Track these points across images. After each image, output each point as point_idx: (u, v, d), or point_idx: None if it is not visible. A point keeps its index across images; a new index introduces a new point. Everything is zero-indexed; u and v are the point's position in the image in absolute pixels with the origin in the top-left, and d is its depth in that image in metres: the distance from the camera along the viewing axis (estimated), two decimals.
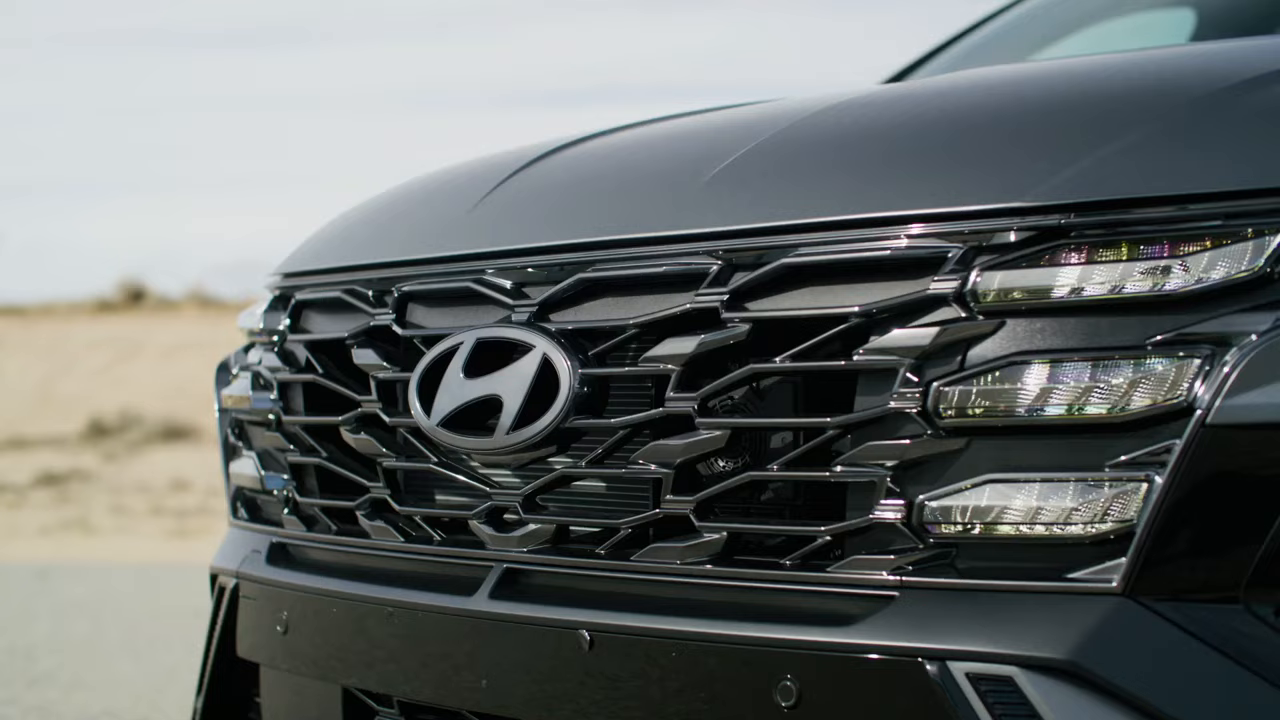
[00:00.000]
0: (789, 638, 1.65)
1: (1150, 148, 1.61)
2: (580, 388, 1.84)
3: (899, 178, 1.73)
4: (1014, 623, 1.55)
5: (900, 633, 1.59)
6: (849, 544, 1.67)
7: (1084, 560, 1.54)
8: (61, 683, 5.55)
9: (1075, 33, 4.00)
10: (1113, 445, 1.54)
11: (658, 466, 1.78)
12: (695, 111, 2.39)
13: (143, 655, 6.09)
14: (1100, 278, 1.57)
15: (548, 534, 1.89)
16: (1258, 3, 4.02)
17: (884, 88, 2.14)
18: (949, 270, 1.62)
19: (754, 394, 1.79)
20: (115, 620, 7.04)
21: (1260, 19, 3.95)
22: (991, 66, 2.35)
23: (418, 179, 2.49)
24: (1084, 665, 1.51)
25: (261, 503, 2.41)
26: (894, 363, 1.63)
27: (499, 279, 1.99)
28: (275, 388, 2.29)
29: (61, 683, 5.55)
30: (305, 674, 2.16)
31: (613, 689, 1.76)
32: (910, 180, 1.72)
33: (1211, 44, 2.23)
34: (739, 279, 1.75)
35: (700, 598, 1.75)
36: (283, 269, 2.42)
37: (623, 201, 1.95)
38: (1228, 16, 4.07)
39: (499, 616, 1.87)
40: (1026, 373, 1.57)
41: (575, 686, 1.79)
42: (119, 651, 6.19)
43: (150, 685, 5.54)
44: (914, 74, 3.92)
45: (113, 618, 7.13)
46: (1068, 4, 4.09)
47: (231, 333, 15.45)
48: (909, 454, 1.62)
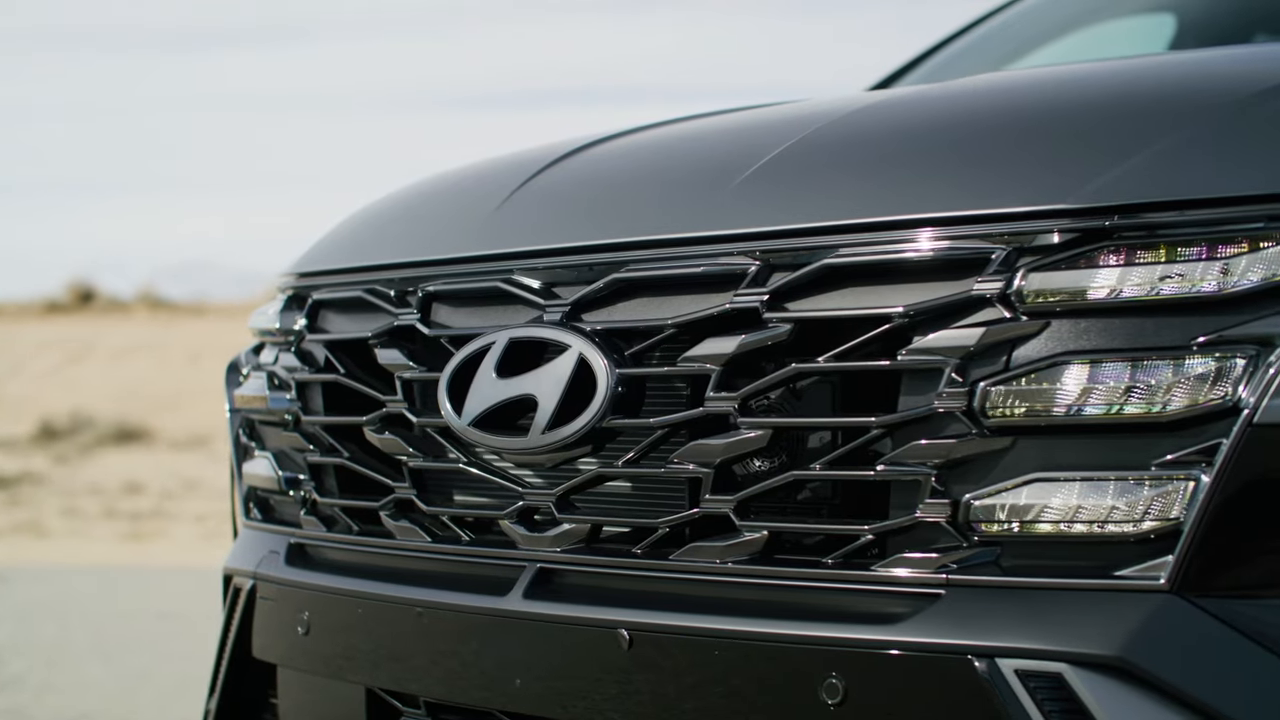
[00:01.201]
0: (835, 635, 1.66)
1: (1192, 150, 1.63)
2: (617, 387, 1.84)
3: (940, 179, 1.74)
4: (1062, 620, 1.56)
5: (948, 630, 1.60)
6: (891, 542, 1.69)
7: (1130, 558, 1.56)
8: (32, 686, 5.50)
9: (1057, 39, 4.03)
10: (1158, 444, 1.56)
11: (697, 466, 1.78)
12: (717, 112, 2.40)
13: (112, 658, 6.05)
14: (1144, 279, 1.58)
15: (582, 533, 1.89)
16: (1236, 9, 4.07)
17: (915, 89, 2.16)
18: (993, 271, 1.64)
19: (789, 393, 1.80)
20: (81, 623, 6.99)
21: (1238, 25, 4.00)
22: (1027, 69, 2.35)
23: (436, 177, 2.48)
24: (1133, 661, 1.52)
25: (276, 503, 2.40)
26: (939, 363, 1.64)
27: (529, 279, 1.99)
28: (293, 388, 2.28)
29: (32, 686, 5.50)
30: (327, 674, 2.16)
31: (654, 687, 1.77)
32: (951, 181, 1.73)
33: (1252, 47, 2.26)
34: (778, 279, 1.76)
35: (742, 596, 1.75)
36: (296, 269, 2.42)
37: (655, 202, 1.95)
38: (1207, 23, 4.11)
39: (534, 616, 1.87)
40: (1072, 373, 1.59)
41: (615, 685, 1.80)
42: (87, 654, 6.15)
43: (123, 688, 5.50)
44: (899, 81, 3.93)
45: (78, 621, 7.08)
46: (1049, 11, 4.12)
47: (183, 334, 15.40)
48: (954, 453, 1.63)
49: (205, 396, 19.25)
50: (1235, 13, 4.09)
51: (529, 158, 2.26)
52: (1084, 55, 4.04)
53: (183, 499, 13.92)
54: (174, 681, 5.60)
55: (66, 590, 8.16)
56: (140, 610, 7.39)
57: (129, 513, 12.90)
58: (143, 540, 11.33)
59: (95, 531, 11.86)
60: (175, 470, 15.47)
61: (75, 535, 11.63)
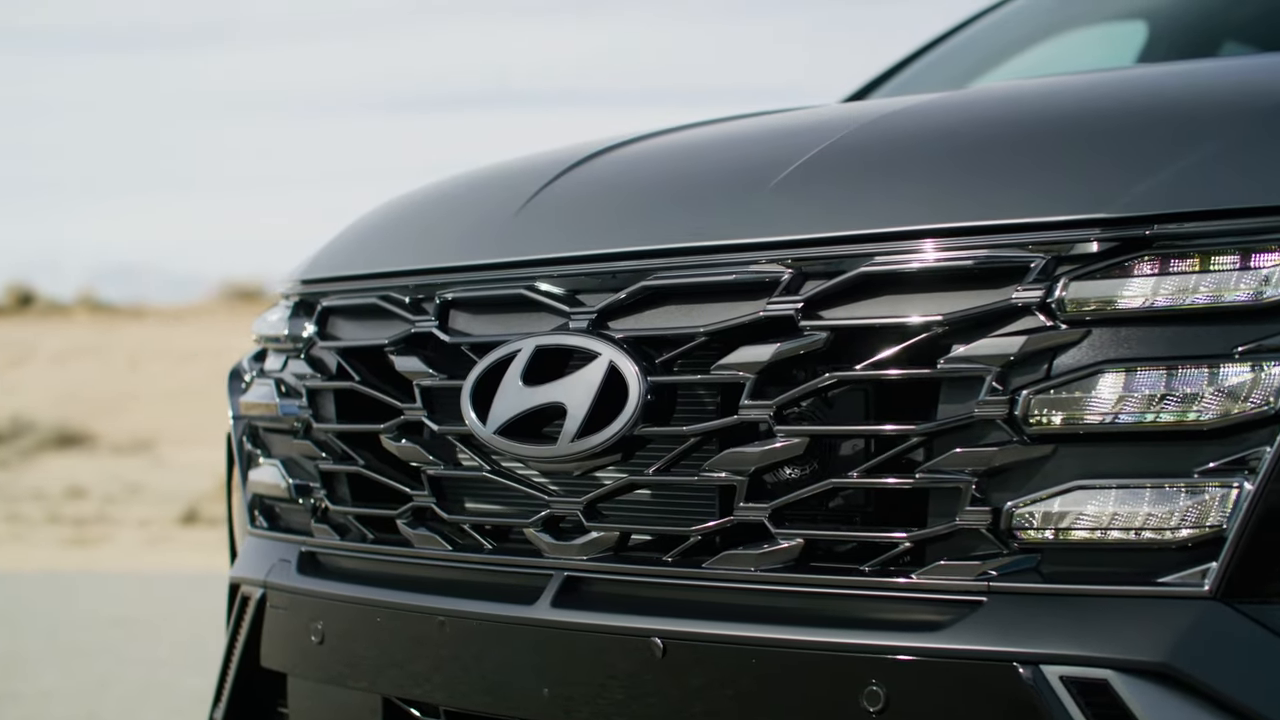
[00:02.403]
0: (875, 643, 1.66)
1: (1231, 158, 1.64)
2: (648, 395, 1.84)
3: (976, 186, 1.75)
4: (1106, 626, 1.57)
5: (991, 637, 1.61)
6: (930, 550, 1.69)
7: (1174, 565, 1.57)
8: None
9: (1032, 47, 4.06)
10: (1200, 452, 1.57)
11: (730, 474, 1.78)
12: (736, 117, 2.40)
13: (70, 665, 5.99)
14: (1183, 288, 1.60)
15: (610, 542, 1.89)
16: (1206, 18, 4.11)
17: (942, 95, 2.16)
18: (1032, 280, 1.65)
19: (820, 401, 1.80)
20: (33, 630, 6.91)
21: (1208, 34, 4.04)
22: (1059, 75, 2.34)
23: (447, 181, 2.47)
24: (1178, 668, 1.53)
25: (282, 511, 2.38)
26: (980, 370, 1.65)
27: (552, 286, 1.98)
28: (304, 395, 2.27)
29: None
30: (342, 684, 2.14)
31: (689, 696, 1.77)
32: (987, 190, 1.74)
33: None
34: (812, 287, 1.77)
35: (778, 604, 1.75)
36: (304, 275, 2.40)
37: (683, 208, 1.95)
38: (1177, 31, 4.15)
39: (564, 625, 1.87)
40: (1113, 381, 1.60)
41: (648, 694, 1.79)
42: (43, 662, 6.08)
43: (84, 695, 5.45)
44: (876, 91, 3.95)
45: (30, 627, 7.00)
46: (1023, 20, 4.14)
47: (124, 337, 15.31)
48: (996, 460, 1.64)
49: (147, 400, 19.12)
50: (1205, 21, 4.13)
51: (544, 162, 2.25)
52: (1060, 62, 4.08)
53: (126, 503, 13.81)
54: (136, 688, 5.55)
55: (15, 597, 8.07)
56: (93, 616, 7.32)
57: (72, 518, 12.78)
58: (87, 545, 11.24)
59: (38, 537, 11.75)
60: (118, 475, 15.35)
61: (18, 540, 11.51)
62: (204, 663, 5.98)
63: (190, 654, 6.23)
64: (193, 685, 5.59)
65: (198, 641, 6.51)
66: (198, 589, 8.30)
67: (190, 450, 16.48)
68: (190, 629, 6.92)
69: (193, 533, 12.14)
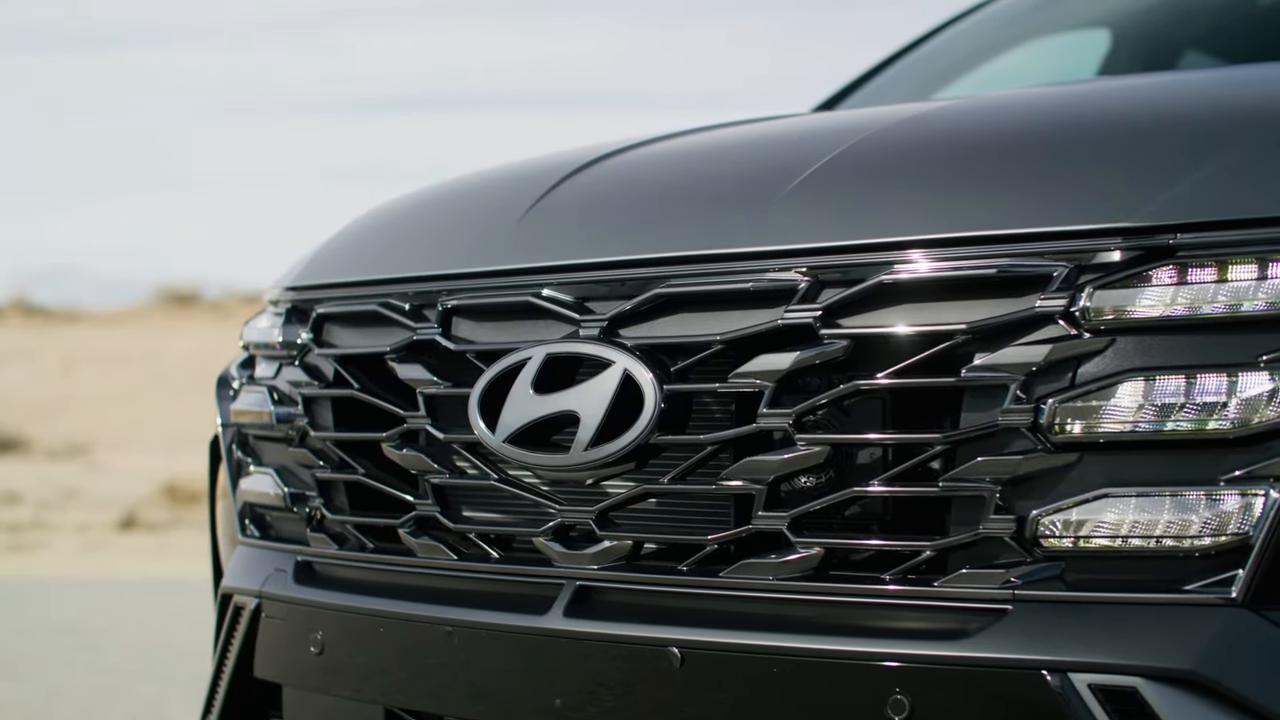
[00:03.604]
0: (900, 651, 1.66)
1: (1253, 167, 1.65)
2: (663, 404, 1.83)
3: (996, 195, 1.75)
4: (1133, 634, 1.58)
5: (1018, 645, 1.61)
6: (952, 558, 1.69)
7: (1200, 572, 1.58)
8: None
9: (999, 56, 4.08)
10: (1225, 460, 1.58)
11: (748, 482, 1.78)
12: (738, 123, 2.39)
13: (23, 676, 5.90)
14: (1207, 296, 1.60)
15: (623, 551, 1.88)
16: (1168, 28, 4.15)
17: (960, 101, 2.16)
18: (1055, 289, 1.65)
19: (837, 409, 1.80)
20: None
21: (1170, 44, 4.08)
22: (1076, 82, 2.34)
23: (441, 187, 2.45)
24: (1207, 675, 1.54)
25: (274, 520, 2.36)
26: (1005, 379, 1.65)
27: (560, 293, 1.97)
28: (300, 402, 2.24)
29: None
30: (343, 694, 2.12)
31: (708, 706, 1.76)
32: (1008, 198, 1.74)
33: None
34: (830, 295, 1.76)
35: (799, 613, 1.75)
36: (295, 281, 2.37)
37: (694, 215, 1.93)
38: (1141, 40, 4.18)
39: (577, 635, 1.85)
40: (1137, 389, 1.60)
41: (665, 704, 1.78)
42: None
43: (40, 706, 5.38)
44: (846, 99, 3.95)
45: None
46: (990, 29, 4.16)
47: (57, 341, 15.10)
48: (1020, 469, 1.64)
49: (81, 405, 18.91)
50: (1166, 31, 4.17)
51: (544, 167, 2.23)
52: (1028, 69, 4.11)
53: (62, 509, 13.64)
54: (90, 697, 5.48)
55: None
56: (39, 625, 7.22)
57: (7, 524, 12.61)
58: (24, 552, 11.08)
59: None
60: (53, 480, 15.16)
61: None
62: (155, 670, 5.92)
63: (141, 661, 6.16)
64: (146, 692, 5.53)
65: (147, 648, 6.44)
66: (143, 595, 8.22)
67: (127, 455, 16.31)
68: (139, 635, 6.85)
69: (131, 539, 12.00)
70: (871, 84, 3.93)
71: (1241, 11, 4.01)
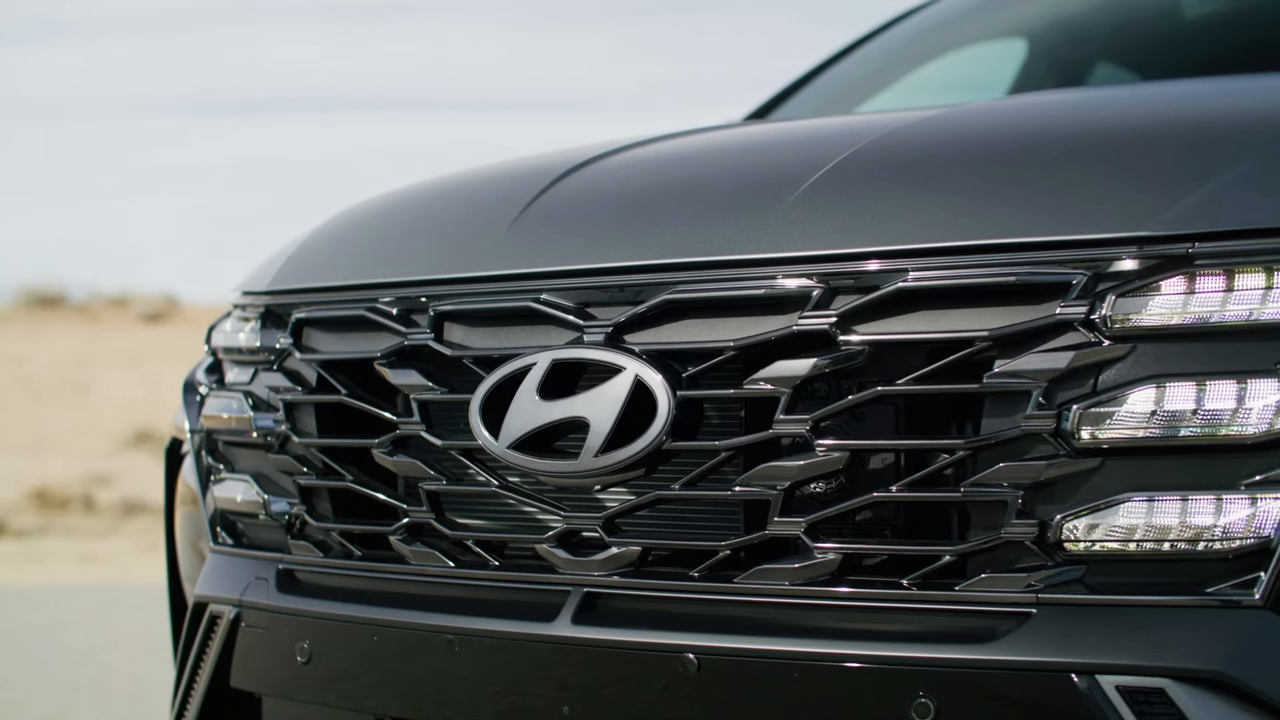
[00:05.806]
0: (924, 656, 1.67)
1: (1270, 175, 1.69)
2: (677, 410, 1.82)
3: (1013, 202, 1.77)
4: (1159, 636, 1.60)
5: (1045, 648, 1.63)
6: (972, 562, 1.71)
7: (1222, 575, 1.61)
8: None
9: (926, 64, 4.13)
10: (1245, 464, 1.61)
11: (763, 488, 1.78)
12: (728, 126, 2.39)
13: None
14: (1225, 304, 1.64)
15: (631, 557, 1.87)
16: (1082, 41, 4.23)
17: (967, 106, 2.17)
18: (1075, 296, 1.67)
19: (852, 415, 1.81)
20: None
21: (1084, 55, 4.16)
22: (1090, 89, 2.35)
23: (423, 188, 2.41)
24: (1233, 675, 1.57)
25: (249, 527, 2.32)
26: (1027, 385, 1.67)
27: (561, 298, 1.95)
28: (280, 408, 2.20)
29: None
30: (332, 704, 2.09)
31: (725, 713, 1.76)
32: (1026, 205, 1.76)
33: None
34: (846, 301, 1.77)
35: (818, 618, 1.76)
36: (269, 285, 2.33)
37: (700, 220, 1.92)
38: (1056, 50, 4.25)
39: (587, 642, 1.84)
40: (1159, 395, 1.63)
41: (680, 710, 1.78)
42: None
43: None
44: (778, 108, 3.97)
45: None
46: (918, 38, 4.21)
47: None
48: (1043, 474, 1.66)
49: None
50: (1082, 43, 4.24)
51: (530, 168, 2.21)
52: (952, 78, 4.17)
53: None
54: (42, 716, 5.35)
55: None
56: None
57: None
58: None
59: None
60: None
61: None
62: (51, 685, 5.78)
63: (34, 675, 6.01)
64: (47, 710, 5.40)
65: (36, 663, 6.29)
66: (16, 603, 8.02)
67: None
68: (27, 648, 6.68)
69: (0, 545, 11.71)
70: (803, 92, 3.95)
71: (1158, 26, 4.09)
